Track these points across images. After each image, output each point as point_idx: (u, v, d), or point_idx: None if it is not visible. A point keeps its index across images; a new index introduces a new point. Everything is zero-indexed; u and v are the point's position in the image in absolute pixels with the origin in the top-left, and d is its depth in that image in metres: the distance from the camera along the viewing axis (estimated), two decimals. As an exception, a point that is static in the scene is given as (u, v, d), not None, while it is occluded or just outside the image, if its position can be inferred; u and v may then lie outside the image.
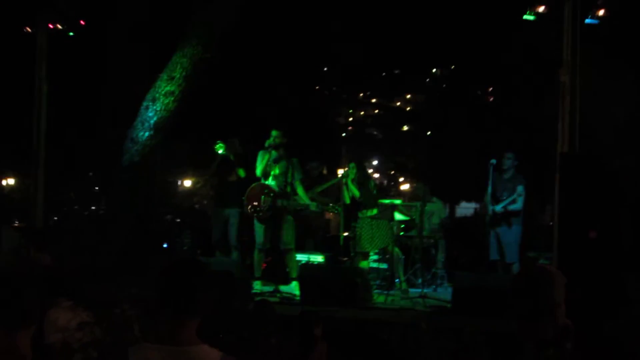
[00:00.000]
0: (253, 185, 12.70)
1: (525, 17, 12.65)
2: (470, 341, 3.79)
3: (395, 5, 22.72)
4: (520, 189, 12.59)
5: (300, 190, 12.75)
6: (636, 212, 9.65)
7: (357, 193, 12.52)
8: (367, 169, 13.84)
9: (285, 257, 12.84)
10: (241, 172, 13.20)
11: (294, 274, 12.69)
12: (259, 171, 12.73)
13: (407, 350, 4.05)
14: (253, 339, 6.16)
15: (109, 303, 6.02)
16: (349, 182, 12.66)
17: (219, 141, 13.31)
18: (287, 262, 12.84)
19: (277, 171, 12.69)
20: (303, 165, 13.76)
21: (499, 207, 12.62)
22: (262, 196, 12.55)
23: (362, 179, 12.83)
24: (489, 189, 12.60)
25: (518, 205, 12.58)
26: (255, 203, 12.55)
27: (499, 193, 12.72)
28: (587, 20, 12.00)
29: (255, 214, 12.62)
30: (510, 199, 12.57)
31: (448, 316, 10.82)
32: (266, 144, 12.70)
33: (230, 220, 13.30)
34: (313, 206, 12.77)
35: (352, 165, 12.94)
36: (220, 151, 13.21)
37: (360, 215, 12.59)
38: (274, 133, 12.76)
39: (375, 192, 13.07)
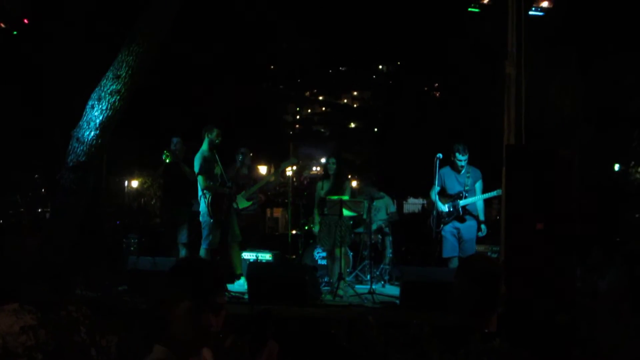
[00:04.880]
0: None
1: (470, 9, 12.72)
2: (417, 333, 3.78)
3: (341, 3, 22.79)
4: (479, 185, 12.38)
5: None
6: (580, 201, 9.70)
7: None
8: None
9: (232, 253, 12.77)
10: (189, 173, 13.04)
11: (239, 270, 12.65)
12: (203, 171, 12.54)
13: (355, 344, 4.03)
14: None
15: (54, 305, 5.92)
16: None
17: (165, 151, 13.21)
18: (233, 258, 12.78)
19: (218, 171, 12.58)
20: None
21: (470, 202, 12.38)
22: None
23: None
24: (436, 183, 12.40)
25: (481, 200, 12.41)
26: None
27: (455, 190, 12.44)
28: (531, 12, 12.08)
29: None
30: (483, 196, 12.32)
31: (396, 311, 10.84)
32: (216, 142, 12.55)
33: (181, 219, 13.19)
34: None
35: (332, 160, 12.99)
36: (167, 160, 13.15)
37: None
38: (216, 131, 12.63)
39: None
